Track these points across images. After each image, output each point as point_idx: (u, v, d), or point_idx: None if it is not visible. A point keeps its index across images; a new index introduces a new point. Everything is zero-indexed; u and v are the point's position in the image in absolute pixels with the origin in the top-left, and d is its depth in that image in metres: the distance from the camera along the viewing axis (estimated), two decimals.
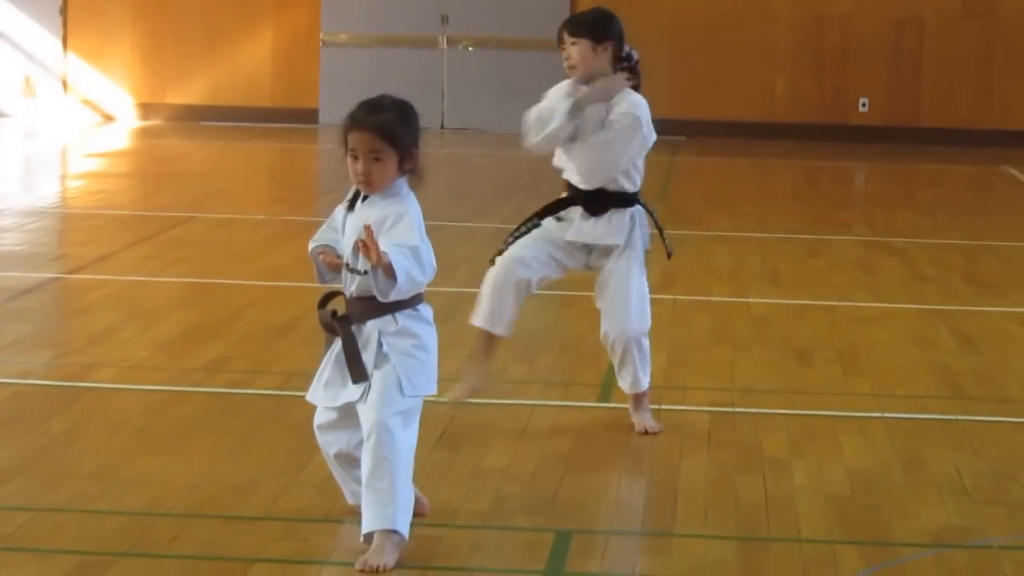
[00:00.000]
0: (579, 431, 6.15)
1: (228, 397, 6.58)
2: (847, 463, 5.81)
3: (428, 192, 4.89)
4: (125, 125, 18.04)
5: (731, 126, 17.73)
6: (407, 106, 4.75)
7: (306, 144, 17.10)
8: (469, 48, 18.16)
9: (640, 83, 6.15)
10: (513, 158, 15.65)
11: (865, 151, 17.03)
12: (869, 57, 17.81)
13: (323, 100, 18.03)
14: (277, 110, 18.18)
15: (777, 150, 16.94)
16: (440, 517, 5.10)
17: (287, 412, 6.24)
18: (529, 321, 7.82)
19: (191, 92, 18.33)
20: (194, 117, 18.16)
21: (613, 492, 5.52)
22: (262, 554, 4.71)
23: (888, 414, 6.50)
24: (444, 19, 18.11)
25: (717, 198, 13.54)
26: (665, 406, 6.48)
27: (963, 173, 15.89)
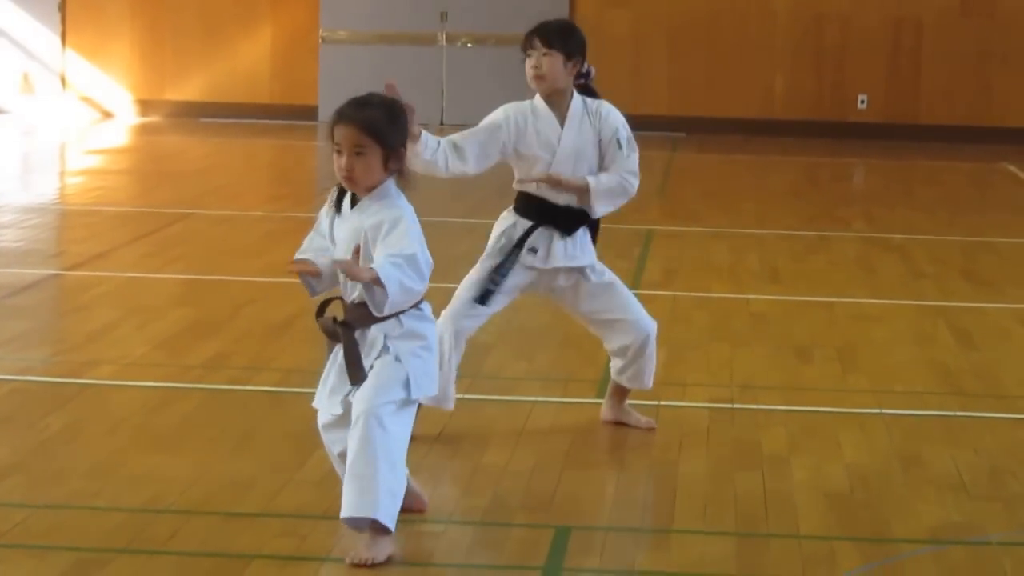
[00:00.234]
0: (578, 428, 6.15)
1: (227, 394, 6.58)
2: (846, 460, 5.81)
3: (427, 189, 4.89)
4: (124, 122, 18.03)
5: (730, 123, 17.72)
6: (395, 105, 4.72)
7: (305, 141, 17.09)
8: (468, 45, 18.15)
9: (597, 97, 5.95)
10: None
11: (864, 148, 17.02)
12: (868, 54, 17.80)
13: (322, 97, 18.01)
14: (276, 107, 18.18)
15: (776, 147, 16.93)
16: (439, 514, 5.10)
17: (286, 409, 6.24)
18: (528, 319, 7.83)
19: (190, 89, 18.32)
20: (193, 114, 18.15)
21: (612, 489, 5.52)
22: (261, 551, 4.71)
23: (887, 411, 6.50)
24: (443, 16, 18.10)
25: (716, 195, 13.53)
26: (664, 403, 6.48)
27: (962, 170, 15.88)
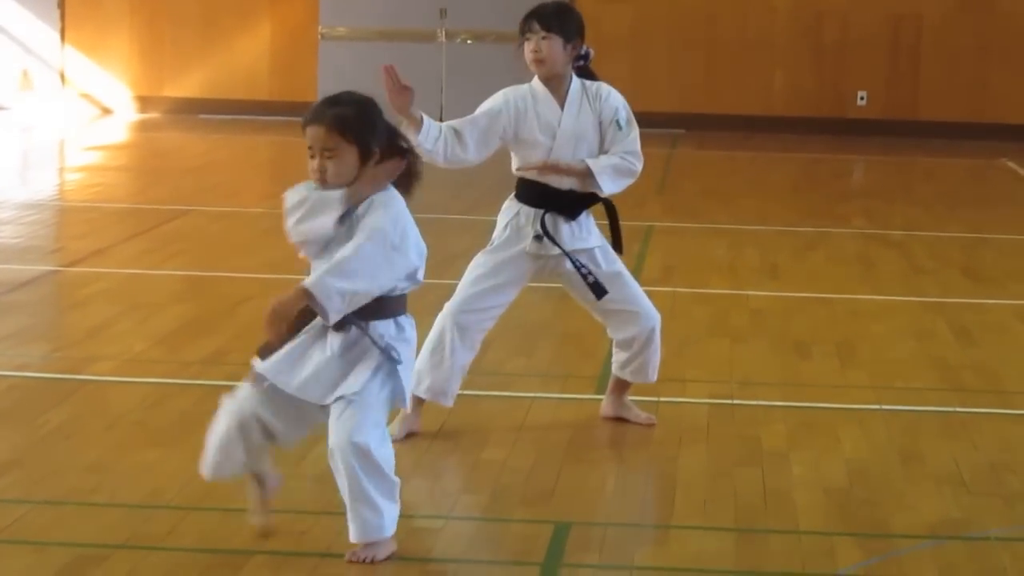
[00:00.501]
0: (577, 424, 6.14)
1: (225, 390, 6.49)
2: (845, 455, 5.81)
3: (427, 185, 4.88)
4: (123, 118, 18.03)
5: (730, 119, 17.71)
6: (369, 102, 4.52)
7: (304, 138, 17.06)
8: (468, 42, 18.14)
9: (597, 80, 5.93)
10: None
11: (863, 144, 17.01)
12: (867, 51, 17.79)
13: (321, 94, 17.58)
14: (275, 103, 18.16)
15: (776, 143, 16.93)
16: (439, 509, 5.10)
17: None
18: (527, 314, 7.82)
19: (189, 85, 18.31)
20: (192, 110, 18.14)
21: (611, 484, 5.52)
22: (260, 547, 4.71)
23: (886, 406, 6.50)
24: (443, 12, 18.09)
25: (716, 191, 13.53)
26: (664, 399, 6.47)
27: (961, 166, 15.88)
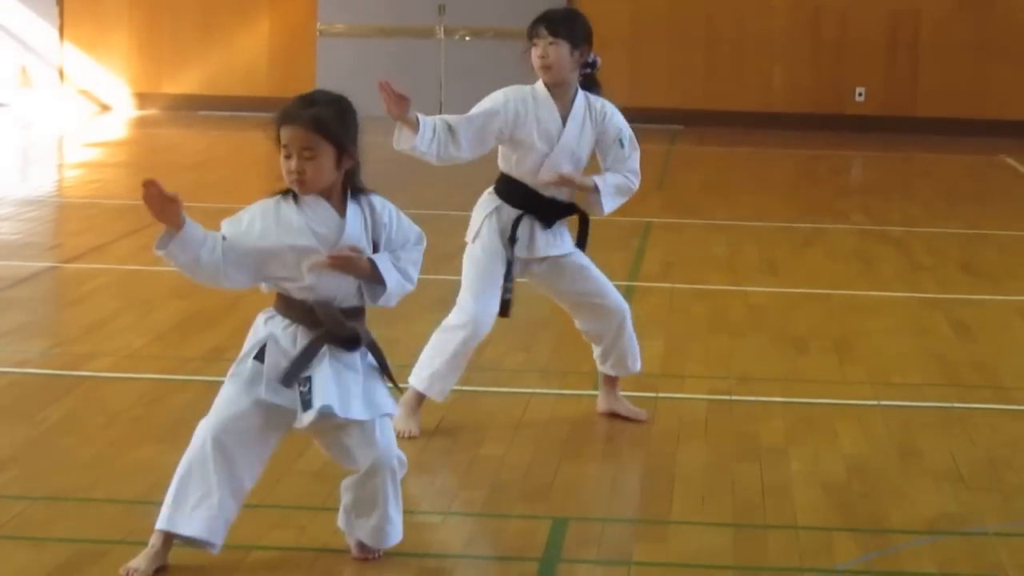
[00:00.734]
0: (576, 420, 6.15)
1: None
2: (843, 451, 5.81)
3: (426, 182, 4.89)
4: (121, 115, 18.03)
5: (729, 115, 17.71)
6: (344, 101, 4.48)
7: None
8: (466, 38, 18.14)
9: (601, 90, 5.96)
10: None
11: (862, 141, 17.02)
12: (866, 47, 17.79)
13: None
14: (274, 100, 17.92)
15: (774, 139, 16.93)
16: (437, 504, 5.10)
17: None
18: (526, 310, 7.82)
19: (187, 82, 18.31)
20: (190, 107, 18.13)
21: (610, 480, 5.52)
22: (260, 541, 4.72)
23: (884, 402, 6.51)
24: (441, 9, 18.09)
25: (714, 187, 13.53)
26: (662, 394, 6.48)
27: (960, 163, 15.88)
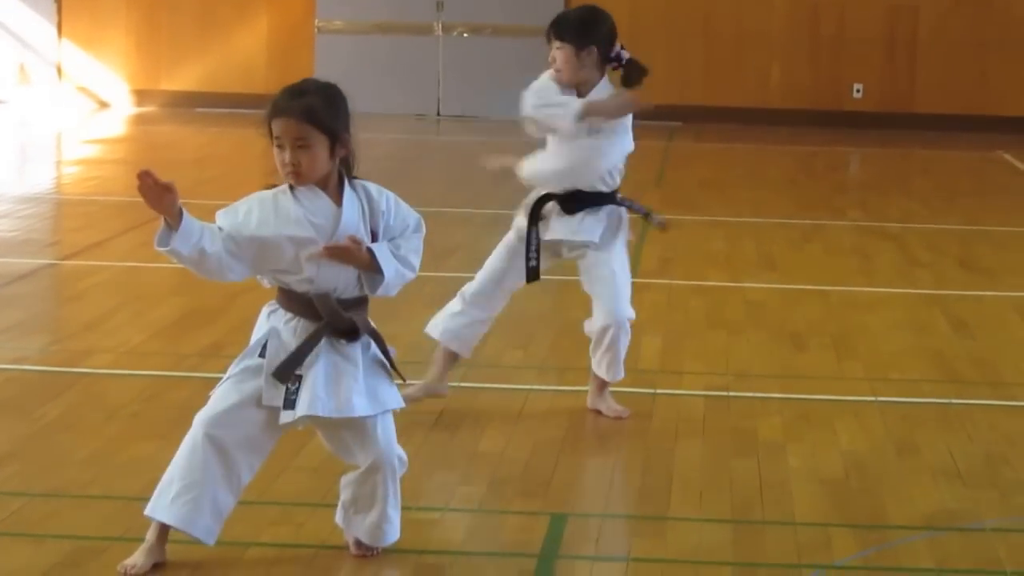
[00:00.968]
0: (574, 415, 6.15)
1: None
2: (841, 447, 5.82)
3: (425, 179, 4.89)
4: (120, 112, 18.02)
5: (727, 112, 17.72)
6: (333, 88, 4.47)
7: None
8: (464, 35, 18.13)
9: (636, 80, 5.96)
10: (509, 145, 15.65)
11: (860, 137, 17.02)
12: (864, 44, 17.79)
13: None
14: (272, 97, 18.12)
15: (772, 136, 16.93)
16: (435, 501, 5.11)
17: None
18: (525, 306, 7.83)
19: (186, 79, 18.30)
20: (189, 104, 18.13)
21: (608, 476, 5.53)
22: (258, 538, 4.72)
23: (882, 398, 6.51)
24: (439, 5, 18.08)
25: (713, 183, 13.54)
26: (660, 390, 6.49)
27: (957, 159, 15.89)
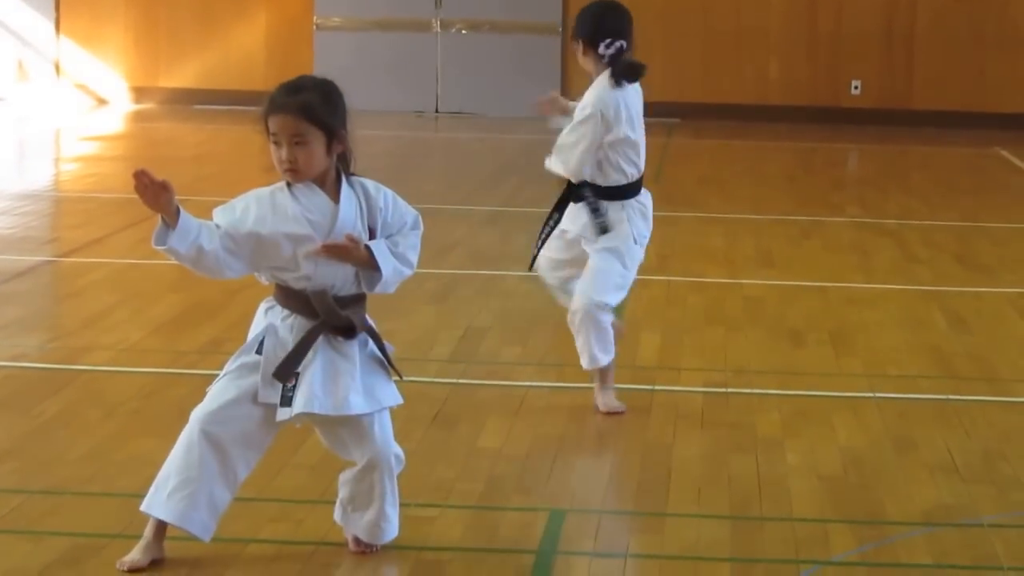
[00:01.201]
0: (572, 412, 6.16)
1: None
2: (839, 443, 5.82)
3: (423, 176, 4.89)
4: (118, 109, 18.02)
5: (725, 108, 17.72)
6: (330, 84, 4.43)
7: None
8: (463, 31, 18.13)
9: (627, 72, 5.99)
10: (507, 142, 15.67)
11: (858, 133, 17.02)
12: (862, 40, 17.79)
13: None
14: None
15: (770, 132, 16.94)
16: (434, 497, 5.11)
17: None
18: (523, 303, 7.84)
19: (184, 76, 18.30)
20: (187, 101, 18.13)
21: (606, 472, 5.53)
22: (257, 535, 4.72)
23: (880, 394, 6.52)
24: (438, 2, 18.08)
25: (711, 180, 13.54)
26: (659, 387, 6.50)
27: (955, 155, 15.89)
